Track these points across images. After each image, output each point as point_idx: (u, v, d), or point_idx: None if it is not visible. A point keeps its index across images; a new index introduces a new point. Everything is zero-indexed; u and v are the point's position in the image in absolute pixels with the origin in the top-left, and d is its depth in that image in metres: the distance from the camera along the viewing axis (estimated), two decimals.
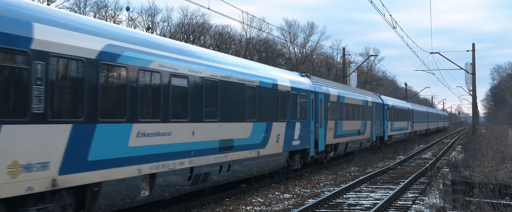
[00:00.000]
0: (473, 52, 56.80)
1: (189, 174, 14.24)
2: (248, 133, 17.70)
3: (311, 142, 24.00)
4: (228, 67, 16.75)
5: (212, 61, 15.91)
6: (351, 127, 31.37)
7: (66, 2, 48.25)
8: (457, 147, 47.82)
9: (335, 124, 27.88)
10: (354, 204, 16.66)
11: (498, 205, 14.66)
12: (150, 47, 12.95)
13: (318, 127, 24.80)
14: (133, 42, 12.39)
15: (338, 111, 28.77)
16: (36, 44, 9.49)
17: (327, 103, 26.67)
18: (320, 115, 25.28)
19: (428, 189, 20.09)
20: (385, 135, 42.41)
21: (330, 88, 28.17)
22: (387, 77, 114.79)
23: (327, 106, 26.60)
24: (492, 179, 19.05)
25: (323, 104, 25.81)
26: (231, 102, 16.52)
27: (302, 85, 23.15)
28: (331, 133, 27.15)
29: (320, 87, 25.99)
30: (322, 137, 25.60)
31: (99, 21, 12.98)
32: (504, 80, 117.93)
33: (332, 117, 27.47)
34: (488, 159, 25.56)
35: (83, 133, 10.57)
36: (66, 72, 10.32)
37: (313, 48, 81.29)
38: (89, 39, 10.88)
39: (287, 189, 20.05)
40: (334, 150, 28.43)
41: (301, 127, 22.29)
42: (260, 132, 18.59)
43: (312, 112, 24.13)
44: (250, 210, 15.61)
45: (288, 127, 21.00)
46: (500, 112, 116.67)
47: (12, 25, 9.16)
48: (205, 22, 61.46)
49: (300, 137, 22.18)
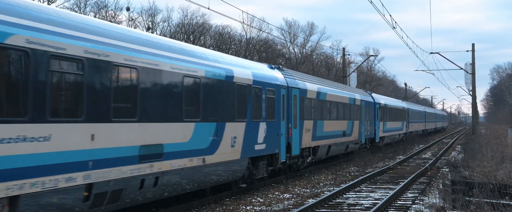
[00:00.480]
0: (472, 52, 56.53)
1: (85, 193, 10.29)
2: (187, 136, 13.75)
3: (282, 145, 20.14)
4: (155, 51, 12.68)
5: (130, 42, 11.96)
6: (335, 128, 27.65)
7: (66, 2, 48.21)
8: (456, 147, 47.70)
9: (314, 124, 24.21)
10: (354, 204, 16.35)
11: (498, 205, 14.66)
12: (8, 14, 8.88)
13: (291, 128, 21.13)
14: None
15: (319, 109, 25.11)
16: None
17: (304, 100, 22.91)
18: (294, 114, 21.55)
19: (428, 189, 19.87)
20: (376, 136, 38.15)
21: (308, 83, 24.25)
22: (387, 77, 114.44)
23: (303, 103, 22.84)
24: (492, 179, 19.06)
25: (298, 101, 22.07)
26: (160, 96, 12.62)
27: (270, 79, 19.35)
28: (308, 134, 23.38)
29: (295, 82, 22.18)
30: (297, 140, 21.79)
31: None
32: (504, 80, 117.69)
33: (310, 116, 23.80)
34: (488, 159, 25.56)
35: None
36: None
37: (313, 48, 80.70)
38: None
39: (287, 189, 19.70)
40: (313, 154, 24.58)
41: (267, 128, 18.62)
42: (206, 134, 14.70)
43: (284, 110, 20.39)
44: (250, 210, 15.26)
45: (249, 128, 17.31)
46: (499, 112, 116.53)
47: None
48: (205, 22, 60.87)
49: (266, 140, 18.52)
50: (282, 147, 20.12)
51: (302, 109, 22.71)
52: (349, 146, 30.71)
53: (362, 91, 39.50)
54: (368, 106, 35.87)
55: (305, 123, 22.89)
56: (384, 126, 41.04)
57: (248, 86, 17.32)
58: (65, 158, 9.75)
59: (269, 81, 19.20)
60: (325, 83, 28.99)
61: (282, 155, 20.25)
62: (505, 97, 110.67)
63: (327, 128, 26.19)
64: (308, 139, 23.44)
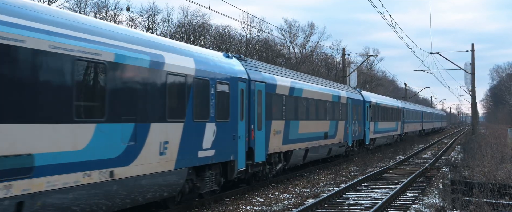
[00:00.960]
0: (472, 52, 56.54)
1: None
2: (82, 142, 10.10)
3: (240, 150, 16.67)
4: (15, 20, 8.87)
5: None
6: (315, 129, 24.30)
7: (66, 3, 48.26)
8: (456, 147, 47.78)
9: (286, 125, 20.78)
10: (353, 204, 16.28)
11: (497, 205, 14.67)
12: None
13: (254, 130, 17.76)
14: None
15: (292, 108, 21.66)
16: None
17: (271, 96, 19.44)
18: (259, 113, 18.17)
19: (428, 189, 19.79)
20: (365, 137, 34.71)
21: (278, 77, 20.68)
22: (387, 77, 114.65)
23: (270, 100, 19.35)
24: (491, 179, 19.05)
25: (263, 98, 18.63)
26: (27, 86, 8.98)
27: (223, 70, 15.85)
28: (278, 137, 20.03)
29: (259, 75, 18.66)
30: (262, 144, 18.40)
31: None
32: (504, 80, 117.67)
33: (280, 116, 20.40)
34: (488, 159, 25.55)
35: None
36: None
37: (313, 48, 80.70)
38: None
39: (287, 189, 19.54)
40: (285, 160, 21.22)
41: (218, 130, 15.12)
42: (115, 139, 11.03)
43: (243, 109, 16.98)
44: (250, 210, 15.18)
45: (189, 131, 13.69)
46: (499, 112, 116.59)
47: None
48: (206, 22, 60.89)
49: (216, 145, 14.99)
50: (239, 153, 16.61)
51: (270, 107, 19.28)
52: (333, 149, 27.39)
53: (350, 88, 36.47)
54: (357, 104, 32.83)
55: (273, 123, 19.55)
56: (375, 127, 37.78)
57: (187, 77, 13.67)
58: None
59: (222, 73, 15.63)
60: (303, 77, 25.46)
61: (241, 163, 16.79)
62: (505, 97, 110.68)
63: (303, 129, 22.75)
64: (278, 142, 20.04)
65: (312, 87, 24.62)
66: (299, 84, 22.94)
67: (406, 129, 53.19)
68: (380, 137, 39.97)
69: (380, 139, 39.90)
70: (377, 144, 39.22)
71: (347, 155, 31.54)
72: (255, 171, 18.40)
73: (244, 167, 17.13)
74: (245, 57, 19.17)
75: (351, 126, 30.93)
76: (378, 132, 38.75)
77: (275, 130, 19.76)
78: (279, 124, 20.25)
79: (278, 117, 20.26)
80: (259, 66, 19.98)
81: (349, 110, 30.74)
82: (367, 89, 66.76)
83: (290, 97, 21.49)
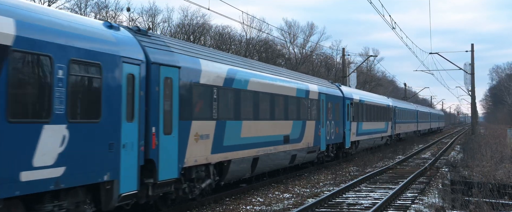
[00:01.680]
0: (472, 52, 56.52)
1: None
2: None
3: (127, 165, 11.61)
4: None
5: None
6: (268, 131, 19.21)
7: (67, 3, 48.28)
8: (456, 146, 47.82)
9: (218, 127, 15.67)
10: (353, 203, 16.25)
11: (497, 204, 14.68)
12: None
13: (158, 134, 12.72)
14: None
15: (230, 104, 16.57)
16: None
17: (192, 88, 14.32)
18: (166, 111, 13.08)
19: (427, 189, 19.81)
20: (346, 141, 29.39)
21: (205, 61, 15.43)
22: (387, 77, 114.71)
23: (190, 92, 14.23)
24: (491, 178, 19.04)
25: (175, 89, 13.51)
26: None
27: (85, 42, 10.64)
28: (204, 143, 14.87)
29: (169, 56, 13.55)
30: (172, 153, 13.33)
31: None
32: (503, 80, 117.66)
33: (207, 114, 15.18)
34: (487, 158, 25.54)
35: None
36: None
37: (313, 49, 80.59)
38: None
39: (287, 188, 19.52)
40: (219, 174, 16.35)
41: (72, 136, 10.06)
42: None
43: (132, 104, 11.94)
44: (250, 210, 15.16)
45: None
46: (499, 112, 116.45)
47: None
48: (206, 22, 60.91)
49: (69, 160, 9.98)
50: (124, 169, 11.54)
51: (187, 102, 14.11)
52: (298, 155, 22.31)
53: (326, 82, 30.28)
54: (334, 101, 27.39)
55: (194, 125, 14.41)
56: (358, 127, 32.36)
57: None
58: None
59: (81, 47, 10.43)
60: (252, 65, 19.83)
61: (127, 184, 11.61)
62: (504, 98, 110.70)
63: (249, 132, 17.78)
64: (204, 150, 14.98)
65: (264, 78, 19.29)
66: (243, 73, 17.69)
67: (398, 130, 48.20)
68: (365, 140, 34.61)
69: (365, 141, 34.44)
70: (362, 147, 33.58)
71: (322, 162, 26.99)
72: (160, 193, 13.13)
73: (136, 189, 11.95)
74: (141, 28, 13.59)
75: (325, 127, 25.77)
76: (362, 133, 33.32)
77: (197, 134, 14.58)
78: (206, 125, 15.14)
79: (203, 116, 15.04)
80: (172, 45, 14.48)
81: (323, 108, 25.46)
82: (367, 90, 66.60)
83: (227, 89, 16.37)
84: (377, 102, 39.26)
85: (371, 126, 36.47)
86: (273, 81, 20.14)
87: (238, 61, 18.57)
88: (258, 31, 64.76)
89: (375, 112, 37.90)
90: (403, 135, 51.84)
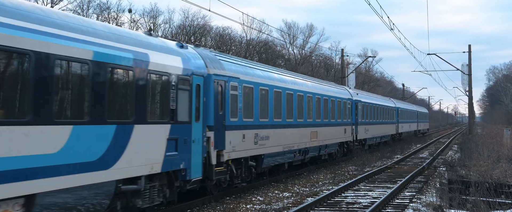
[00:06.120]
0: (469, 53, 56.53)
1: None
2: None
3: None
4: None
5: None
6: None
7: (69, 4, 48.26)
8: (453, 146, 47.87)
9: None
10: (352, 202, 16.30)
11: (494, 203, 14.70)
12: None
13: None
14: None
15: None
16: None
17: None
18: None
19: (425, 188, 19.91)
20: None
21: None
22: (385, 78, 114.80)
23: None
24: (488, 178, 19.07)
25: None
26: None
27: None
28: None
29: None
30: None
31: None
32: (500, 81, 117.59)
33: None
34: (484, 158, 25.57)
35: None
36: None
37: (312, 50, 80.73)
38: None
39: (286, 187, 19.65)
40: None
41: None
42: None
43: None
44: (250, 209, 15.18)
45: None
46: (495, 112, 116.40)
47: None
48: (206, 23, 61.13)
49: None
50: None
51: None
52: None
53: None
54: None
55: None
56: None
57: None
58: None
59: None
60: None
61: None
62: (501, 98, 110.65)
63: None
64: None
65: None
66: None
67: (363, 134, 34.85)
68: (281, 152, 20.75)
69: (276, 158, 20.66)
70: (267, 165, 19.93)
71: None
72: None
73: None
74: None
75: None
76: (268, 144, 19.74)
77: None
78: None
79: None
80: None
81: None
82: (366, 90, 66.51)
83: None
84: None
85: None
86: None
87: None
88: (258, 32, 64.77)
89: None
90: (370, 140, 37.69)
